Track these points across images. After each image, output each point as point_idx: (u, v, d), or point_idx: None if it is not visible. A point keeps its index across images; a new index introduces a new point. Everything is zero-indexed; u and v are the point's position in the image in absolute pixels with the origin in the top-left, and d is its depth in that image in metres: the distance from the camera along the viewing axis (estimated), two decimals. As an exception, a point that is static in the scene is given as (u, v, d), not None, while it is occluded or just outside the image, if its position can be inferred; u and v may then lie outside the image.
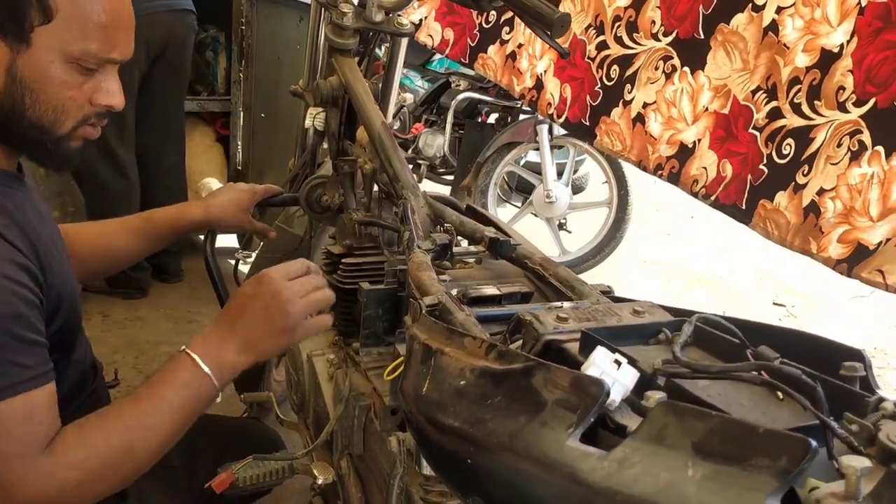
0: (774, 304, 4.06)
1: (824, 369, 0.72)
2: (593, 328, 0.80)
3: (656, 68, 2.00)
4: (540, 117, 3.81)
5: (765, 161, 1.70)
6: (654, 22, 1.99)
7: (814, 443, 0.49)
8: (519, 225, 3.94)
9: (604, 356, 0.67)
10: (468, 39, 2.64)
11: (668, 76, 1.97)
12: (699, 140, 1.89)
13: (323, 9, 1.93)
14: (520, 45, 2.49)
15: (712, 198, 1.83)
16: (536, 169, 4.05)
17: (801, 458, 0.49)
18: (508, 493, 0.67)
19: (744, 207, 1.73)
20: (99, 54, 1.11)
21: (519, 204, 4.28)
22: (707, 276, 4.30)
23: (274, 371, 2.41)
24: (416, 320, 0.96)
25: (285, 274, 1.20)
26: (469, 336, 0.81)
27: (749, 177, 1.73)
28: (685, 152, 1.92)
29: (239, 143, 3.34)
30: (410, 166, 1.46)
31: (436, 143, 4.42)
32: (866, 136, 1.47)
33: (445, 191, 4.08)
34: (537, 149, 3.90)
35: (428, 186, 3.76)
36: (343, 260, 1.45)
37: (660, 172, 1.98)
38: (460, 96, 4.30)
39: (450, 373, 0.77)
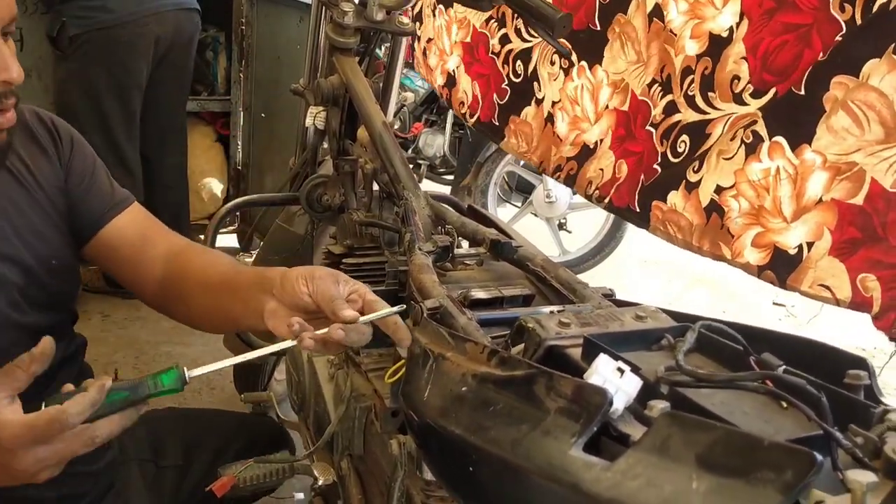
0: (774, 304, 4.05)
1: (827, 376, 0.71)
2: (596, 334, 0.79)
3: (552, 63, 1.83)
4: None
5: (659, 160, 1.53)
6: None
7: (819, 457, 0.49)
8: (519, 225, 3.94)
9: (606, 364, 0.66)
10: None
11: (567, 71, 1.79)
12: (601, 140, 1.71)
13: (324, 7, 1.92)
14: (429, 40, 2.34)
15: (606, 200, 1.66)
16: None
17: (806, 472, 0.48)
18: (510, 501, 0.67)
19: (637, 210, 1.57)
20: None
21: (519, 204, 4.28)
22: (707, 276, 4.29)
23: (275, 371, 2.41)
24: (417, 324, 0.96)
25: (32, 439, 0.87)
26: (471, 341, 0.81)
27: (641, 176, 1.56)
28: (586, 153, 1.74)
29: (239, 143, 3.34)
30: (411, 166, 1.46)
31: (436, 142, 4.42)
32: (760, 127, 1.31)
33: (445, 190, 4.07)
34: (538, 148, 3.90)
35: (428, 186, 3.76)
36: (344, 260, 1.45)
37: (558, 174, 1.82)
38: (461, 96, 4.30)
39: (451, 378, 0.77)
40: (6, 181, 1.16)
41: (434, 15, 2.30)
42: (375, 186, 1.57)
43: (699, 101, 1.44)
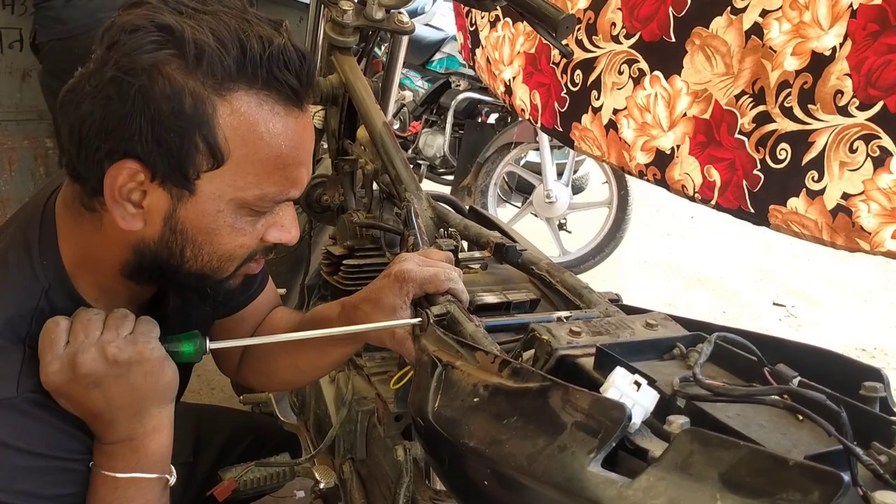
0: (774, 304, 4.05)
1: (841, 387, 0.70)
2: (608, 343, 0.78)
3: (620, 72, 1.93)
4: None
5: (759, 166, 1.65)
6: (614, 24, 1.93)
7: (847, 478, 0.48)
8: (519, 225, 3.93)
9: (623, 377, 0.65)
10: (468, 40, 2.63)
11: (637, 81, 1.89)
12: (678, 146, 1.83)
13: (323, 6, 1.91)
14: (483, 49, 2.48)
15: (712, 202, 1.79)
16: (536, 169, 4.04)
17: (833, 494, 0.47)
18: (526, 517, 0.66)
19: (752, 211, 1.70)
20: (277, 197, 0.93)
21: (519, 204, 4.27)
22: (707, 277, 4.29)
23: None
24: (424, 330, 0.95)
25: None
26: (481, 350, 0.79)
27: (744, 183, 1.69)
28: (663, 159, 1.86)
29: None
30: (411, 166, 1.45)
31: (436, 143, 4.41)
32: (887, 142, 1.45)
33: (445, 191, 4.06)
34: (537, 149, 3.89)
35: (428, 186, 3.75)
36: (344, 262, 1.43)
37: (644, 178, 1.94)
38: (460, 96, 4.29)
39: (462, 388, 0.75)
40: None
41: (495, 27, 2.40)
42: (375, 187, 1.55)
43: (798, 112, 1.57)
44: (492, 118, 4.39)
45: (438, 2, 4.91)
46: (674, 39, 1.80)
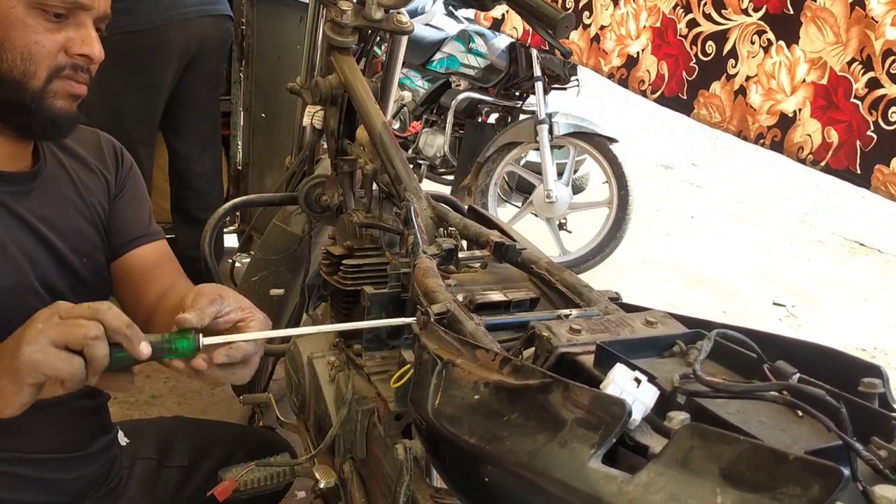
0: (774, 304, 4.05)
1: (840, 384, 0.70)
2: (608, 341, 0.78)
3: (752, 42, 2.14)
4: (540, 117, 3.80)
5: (872, 128, 1.81)
6: None
7: (846, 472, 0.48)
8: (519, 225, 3.93)
9: (623, 374, 0.65)
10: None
11: (766, 50, 2.11)
12: (800, 109, 2.02)
13: (321, 6, 1.91)
14: (602, 28, 2.68)
15: (822, 164, 1.94)
16: (536, 169, 4.04)
17: (833, 488, 0.47)
18: (527, 513, 0.66)
19: (858, 171, 1.85)
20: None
21: (519, 204, 4.27)
22: (707, 277, 4.29)
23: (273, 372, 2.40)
24: (424, 328, 0.95)
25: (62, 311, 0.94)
26: (481, 348, 0.79)
27: (858, 143, 1.85)
28: (786, 121, 2.05)
29: (239, 143, 3.33)
30: (410, 166, 1.45)
31: (436, 142, 4.41)
32: None
33: (445, 191, 4.06)
34: (537, 149, 3.89)
35: (428, 186, 3.75)
36: (344, 262, 1.43)
37: (762, 141, 2.11)
38: (460, 96, 4.29)
39: (463, 386, 0.76)
40: (64, 179, 1.27)
41: (616, 4, 2.63)
42: (375, 187, 1.56)
43: None
44: (492, 118, 4.40)
45: (438, 2, 4.90)
46: (791, 12, 2.02)
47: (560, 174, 4.02)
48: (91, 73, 1.17)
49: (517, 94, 4.27)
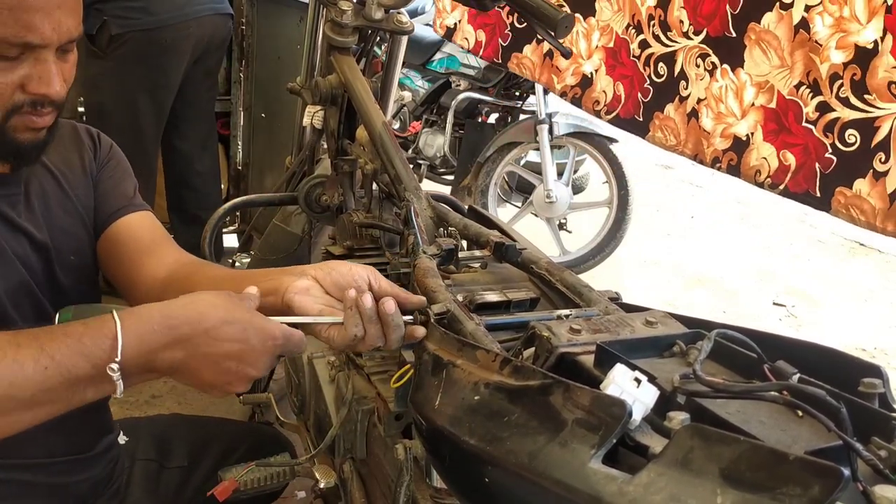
0: (774, 304, 4.05)
1: (841, 384, 0.70)
2: (608, 341, 0.78)
3: (697, 65, 2.06)
4: (540, 117, 3.80)
5: (830, 150, 1.74)
6: (681, 21, 2.04)
7: (846, 472, 0.48)
8: (519, 225, 3.93)
9: (623, 374, 0.65)
10: (500, 40, 2.69)
11: (711, 73, 2.03)
12: (752, 133, 1.94)
13: (322, 6, 1.91)
14: None
15: (780, 187, 1.87)
16: (536, 169, 4.03)
17: (833, 488, 0.47)
18: (528, 513, 0.66)
19: (818, 195, 1.78)
20: (12, 39, 1.00)
21: (519, 204, 4.27)
22: (707, 277, 4.29)
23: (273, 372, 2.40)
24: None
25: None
26: (481, 348, 0.79)
27: (817, 165, 1.78)
28: (740, 145, 1.97)
29: (239, 143, 3.33)
30: (411, 166, 1.45)
31: (436, 142, 4.40)
32: None
33: (445, 191, 4.06)
34: (537, 149, 3.89)
35: (428, 186, 3.75)
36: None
37: (718, 165, 2.02)
38: (460, 96, 4.29)
39: (463, 387, 0.76)
40: (47, 178, 1.25)
41: None
42: (375, 186, 1.56)
43: (855, 101, 1.66)
44: (492, 118, 4.39)
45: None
46: (734, 35, 1.92)
47: (560, 174, 4.02)
48: (59, 108, 1.13)
49: (517, 94, 4.27)
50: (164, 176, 3.27)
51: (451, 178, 4.39)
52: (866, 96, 1.63)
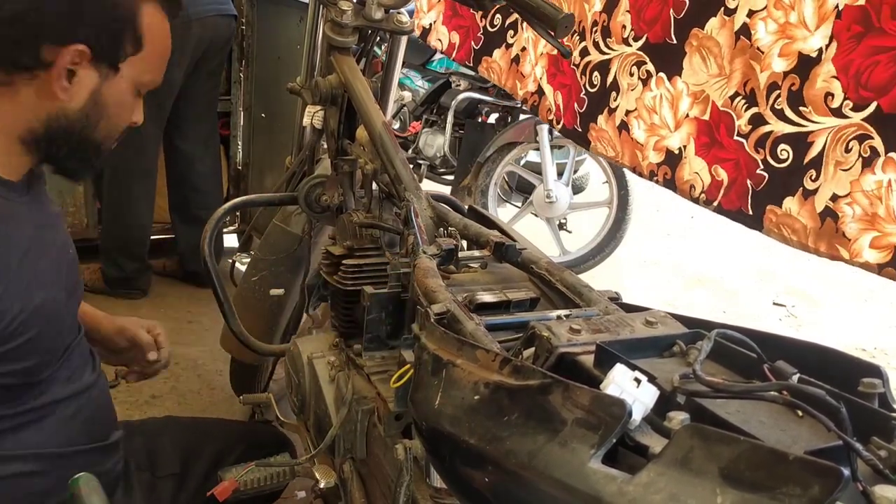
0: (774, 304, 4.05)
1: (841, 384, 0.70)
2: (608, 341, 0.78)
3: (631, 74, 1.96)
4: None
5: (761, 167, 1.64)
6: (624, 26, 1.95)
7: (846, 472, 0.48)
8: (519, 225, 3.93)
9: (623, 374, 0.65)
10: (472, 42, 2.61)
11: (645, 82, 1.93)
12: (684, 146, 1.83)
13: (322, 6, 1.91)
14: (523, 49, 2.47)
15: (714, 204, 1.78)
16: (536, 169, 4.04)
17: (833, 488, 0.47)
18: (528, 513, 0.65)
19: (750, 213, 1.68)
20: (154, 84, 1.25)
21: (519, 204, 4.27)
22: (707, 277, 4.29)
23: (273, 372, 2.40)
24: (424, 329, 0.95)
25: None
26: (481, 348, 0.79)
27: (748, 182, 1.68)
28: (673, 158, 1.87)
29: (239, 143, 3.33)
30: (411, 166, 1.45)
31: (436, 142, 4.41)
32: (878, 143, 1.42)
33: (445, 191, 4.06)
34: (537, 149, 3.89)
35: (428, 186, 3.74)
36: (344, 262, 1.43)
37: (655, 178, 1.93)
38: (460, 96, 4.29)
39: (463, 386, 0.76)
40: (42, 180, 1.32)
41: (523, 28, 2.45)
42: (375, 187, 1.55)
43: (790, 114, 1.56)
44: (492, 118, 4.39)
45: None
46: (675, 41, 1.81)
47: (560, 174, 4.02)
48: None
49: (517, 94, 4.27)
50: (165, 176, 3.27)
51: (451, 178, 4.39)
52: (802, 108, 1.54)
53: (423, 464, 1.11)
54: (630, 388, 0.64)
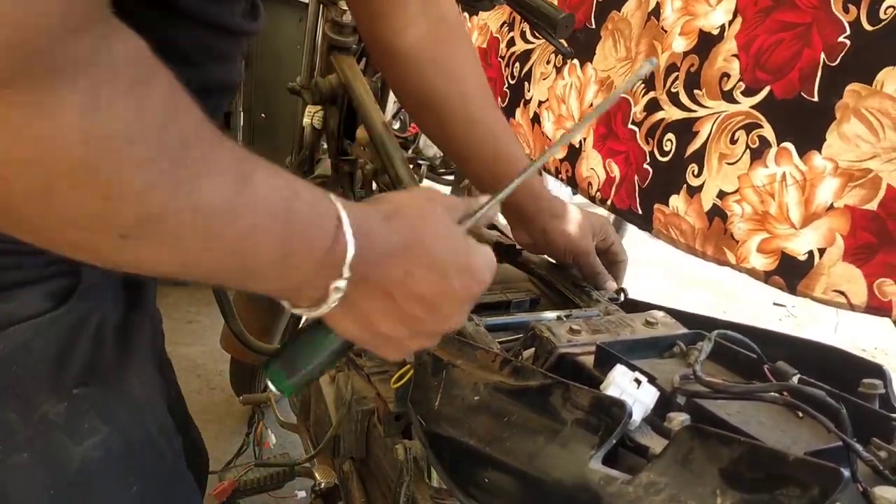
0: (774, 304, 4.05)
1: (842, 383, 0.70)
2: (608, 342, 0.78)
3: (548, 62, 1.83)
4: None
5: (648, 160, 1.49)
6: None
7: (846, 473, 0.48)
8: (518, 224, 3.92)
9: (623, 375, 0.65)
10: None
11: (559, 70, 1.79)
12: (584, 139, 1.68)
13: (322, 6, 1.91)
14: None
15: (608, 202, 1.62)
16: (536, 168, 4.03)
17: (833, 489, 0.47)
18: (527, 514, 0.66)
19: (640, 212, 1.52)
20: None
21: (518, 203, 4.26)
22: (707, 277, 4.29)
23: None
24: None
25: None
26: (481, 349, 0.79)
27: (636, 178, 1.53)
28: (574, 154, 1.72)
29: (239, 143, 3.33)
30: (411, 166, 1.45)
31: (436, 142, 4.40)
32: (768, 132, 1.27)
33: (446, 191, 4.05)
34: (537, 148, 3.88)
35: (428, 186, 3.74)
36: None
37: (560, 176, 1.78)
38: (460, 95, 4.28)
39: (463, 387, 0.76)
40: None
41: (471, 18, 2.27)
42: (375, 187, 1.56)
43: (683, 98, 1.41)
44: (491, 118, 4.38)
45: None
46: (594, 25, 1.68)
47: (560, 174, 4.01)
48: None
49: (517, 93, 4.27)
50: None
51: (451, 178, 4.38)
52: (696, 91, 1.38)
53: (423, 464, 1.11)
54: (630, 389, 0.64)
